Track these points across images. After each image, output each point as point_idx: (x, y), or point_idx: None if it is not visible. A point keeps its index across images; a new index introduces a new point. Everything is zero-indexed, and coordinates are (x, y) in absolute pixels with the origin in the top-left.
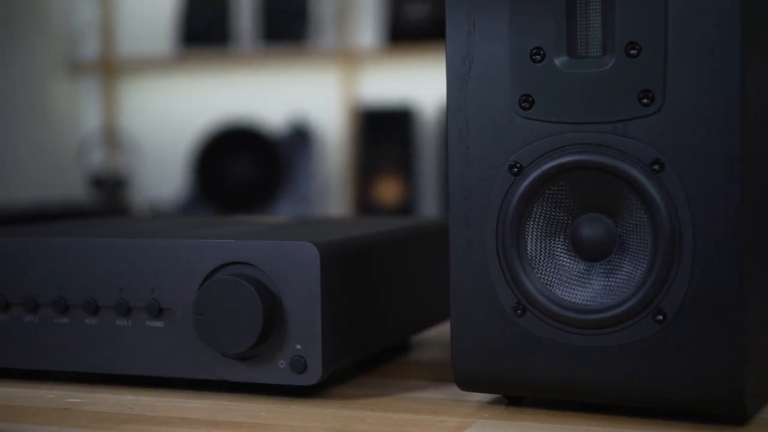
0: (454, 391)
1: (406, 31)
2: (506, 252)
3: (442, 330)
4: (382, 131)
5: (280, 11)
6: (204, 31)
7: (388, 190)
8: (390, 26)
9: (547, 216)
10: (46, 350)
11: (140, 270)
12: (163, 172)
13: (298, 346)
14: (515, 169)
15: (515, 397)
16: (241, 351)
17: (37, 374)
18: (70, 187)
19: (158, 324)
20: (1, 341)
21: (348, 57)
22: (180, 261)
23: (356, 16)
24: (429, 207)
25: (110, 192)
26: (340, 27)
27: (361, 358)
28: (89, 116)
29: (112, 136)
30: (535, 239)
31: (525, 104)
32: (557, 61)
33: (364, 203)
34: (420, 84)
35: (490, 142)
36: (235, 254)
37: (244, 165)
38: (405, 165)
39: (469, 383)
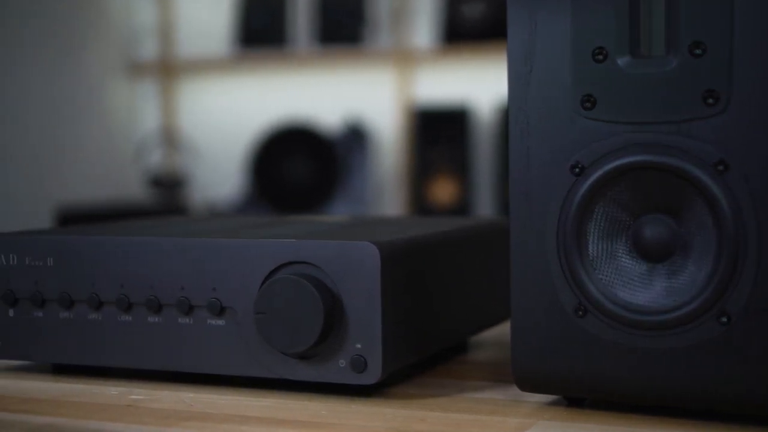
0: (514, 391)
1: (461, 31)
2: (567, 253)
3: (499, 330)
4: (438, 131)
5: (336, 12)
6: (261, 32)
7: (443, 190)
8: (446, 26)
9: (609, 216)
10: (110, 347)
11: (202, 269)
12: (219, 173)
13: (358, 346)
14: (577, 170)
15: (575, 398)
16: (302, 350)
17: (100, 371)
18: (128, 187)
19: (220, 322)
20: (66, 338)
21: (404, 57)
22: (242, 260)
23: (412, 16)
24: (484, 207)
25: (168, 192)
26: (395, 27)
27: (420, 358)
28: (148, 117)
29: (170, 137)
30: (597, 240)
31: (587, 104)
32: (620, 61)
33: (419, 203)
34: (476, 84)
35: (552, 142)
36: (296, 254)
37: (299, 165)
38: (460, 165)
39: (529, 384)
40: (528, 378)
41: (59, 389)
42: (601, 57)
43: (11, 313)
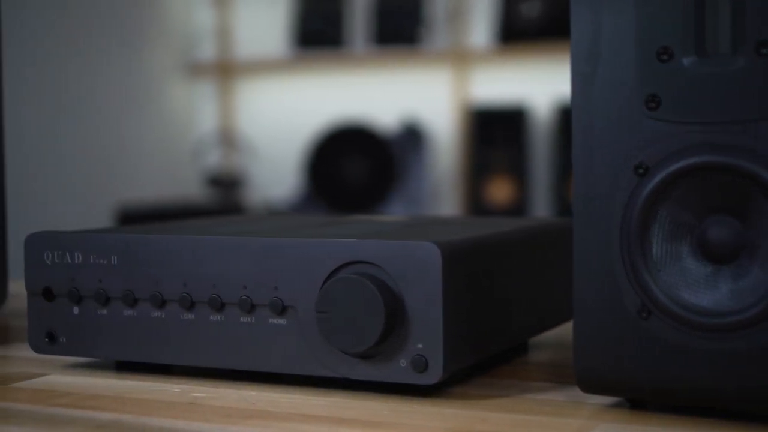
0: (575, 392)
1: (519, 31)
2: (631, 254)
3: (558, 332)
4: (495, 131)
5: (392, 13)
6: (318, 33)
7: (500, 191)
8: (503, 25)
9: (673, 218)
10: (172, 345)
11: (264, 268)
12: (276, 172)
13: (420, 345)
14: (641, 170)
15: (638, 400)
16: (363, 349)
17: (163, 368)
18: (186, 186)
19: (281, 321)
20: (130, 336)
21: (460, 57)
22: (304, 259)
23: (469, 16)
24: (541, 208)
25: (225, 191)
26: (452, 27)
27: (481, 359)
28: (206, 117)
29: (227, 137)
30: (661, 241)
31: (651, 104)
32: (685, 61)
33: (475, 204)
34: (533, 83)
35: (615, 142)
36: (358, 253)
37: (356, 165)
38: (517, 165)
39: (591, 385)
40: (590, 380)
41: (123, 386)
42: (665, 57)
43: (76, 310)
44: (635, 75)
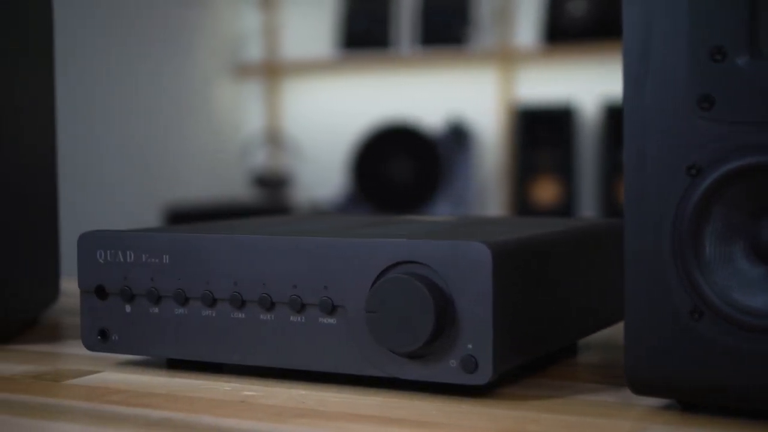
0: (626, 394)
1: (565, 30)
2: (683, 255)
3: (607, 333)
4: (541, 131)
5: (439, 13)
6: (364, 34)
7: (546, 191)
8: (549, 25)
9: (726, 219)
10: (223, 344)
11: (315, 267)
12: (322, 172)
13: (470, 346)
14: (693, 171)
15: (689, 402)
16: (412, 349)
17: (213, 367)
18: (233, 186)
19: (331, 321)
20: (181, 334)
21: (506, 57)
22: (353, 259)
23: (515, 16)
24: (587, 208)
25: (272, 191)
26: (498, 27)
27: (530, 359)
28: (252, 117)
29: (274, 137)
30: (713, 242)
31: (704, 105)
32: (739, 61)
33: (521, 204)
34: (579, 83)
35: (668, 143)
36: (408, 253)
37: (402, 165)
38: (563, 165)
39: (642, 387)
40: (641, 381)
41: (174, 384)
42: (719, 57)
43: (128, 308)
44: (688, 75)
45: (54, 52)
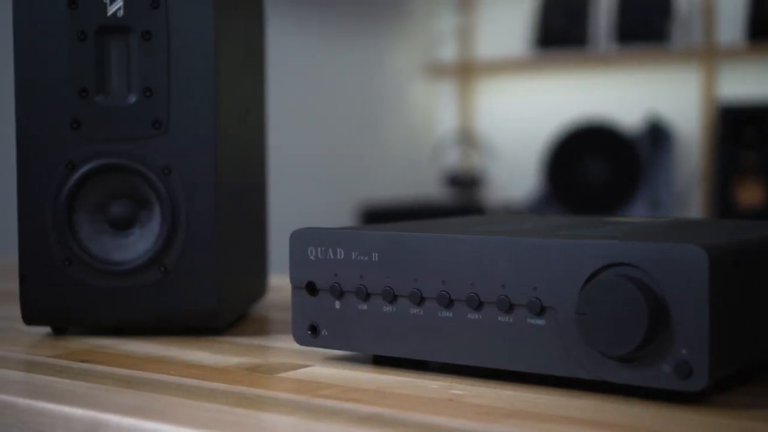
0: None
1: None
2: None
3: None
4: (745, 131)
5: (639, 11)
6: (561, 32)
7: (750, 193)
8: (753, 21)
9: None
10: (430, 342)
11: (523, 268)
12: (515, 172)
13: (684, 351)
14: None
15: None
16: (624, 353)
17: (419, 364)
18: (426, 185)
19: (539, 322)
20: (388, 331)
21: (708, 54)
22: (564, 260)
23: (718, 13)
24: None
25: (464, 191)
26: (701, 25)
27: (745, 367)
28: (446, 117)
29: (467, 136)
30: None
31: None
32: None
33: (722, 206)
34: None
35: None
36: (620, 255)
37: (597, 165)
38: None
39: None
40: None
41: (382, 380)
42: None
43: (338, 305)
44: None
45: (265, 56)
